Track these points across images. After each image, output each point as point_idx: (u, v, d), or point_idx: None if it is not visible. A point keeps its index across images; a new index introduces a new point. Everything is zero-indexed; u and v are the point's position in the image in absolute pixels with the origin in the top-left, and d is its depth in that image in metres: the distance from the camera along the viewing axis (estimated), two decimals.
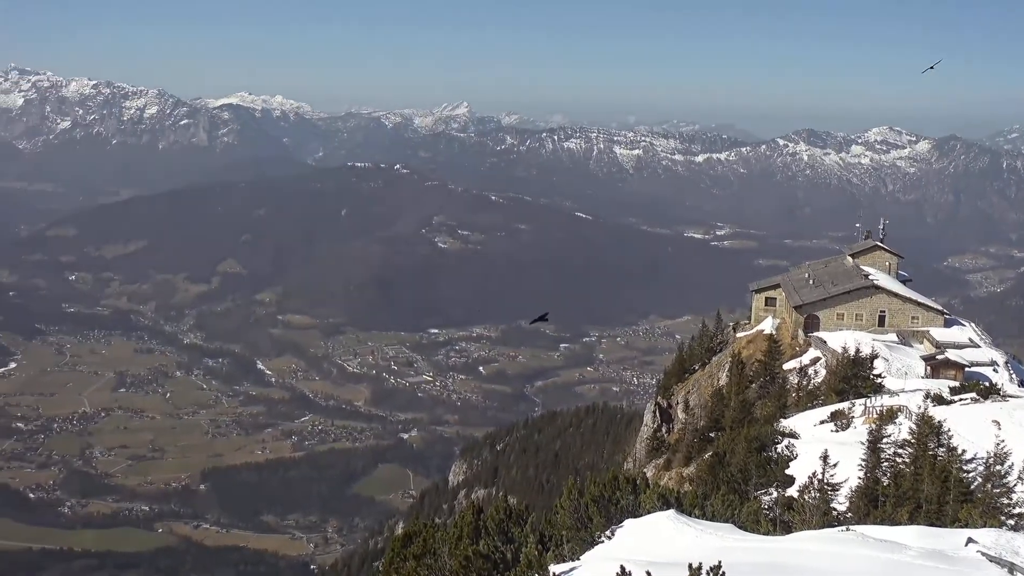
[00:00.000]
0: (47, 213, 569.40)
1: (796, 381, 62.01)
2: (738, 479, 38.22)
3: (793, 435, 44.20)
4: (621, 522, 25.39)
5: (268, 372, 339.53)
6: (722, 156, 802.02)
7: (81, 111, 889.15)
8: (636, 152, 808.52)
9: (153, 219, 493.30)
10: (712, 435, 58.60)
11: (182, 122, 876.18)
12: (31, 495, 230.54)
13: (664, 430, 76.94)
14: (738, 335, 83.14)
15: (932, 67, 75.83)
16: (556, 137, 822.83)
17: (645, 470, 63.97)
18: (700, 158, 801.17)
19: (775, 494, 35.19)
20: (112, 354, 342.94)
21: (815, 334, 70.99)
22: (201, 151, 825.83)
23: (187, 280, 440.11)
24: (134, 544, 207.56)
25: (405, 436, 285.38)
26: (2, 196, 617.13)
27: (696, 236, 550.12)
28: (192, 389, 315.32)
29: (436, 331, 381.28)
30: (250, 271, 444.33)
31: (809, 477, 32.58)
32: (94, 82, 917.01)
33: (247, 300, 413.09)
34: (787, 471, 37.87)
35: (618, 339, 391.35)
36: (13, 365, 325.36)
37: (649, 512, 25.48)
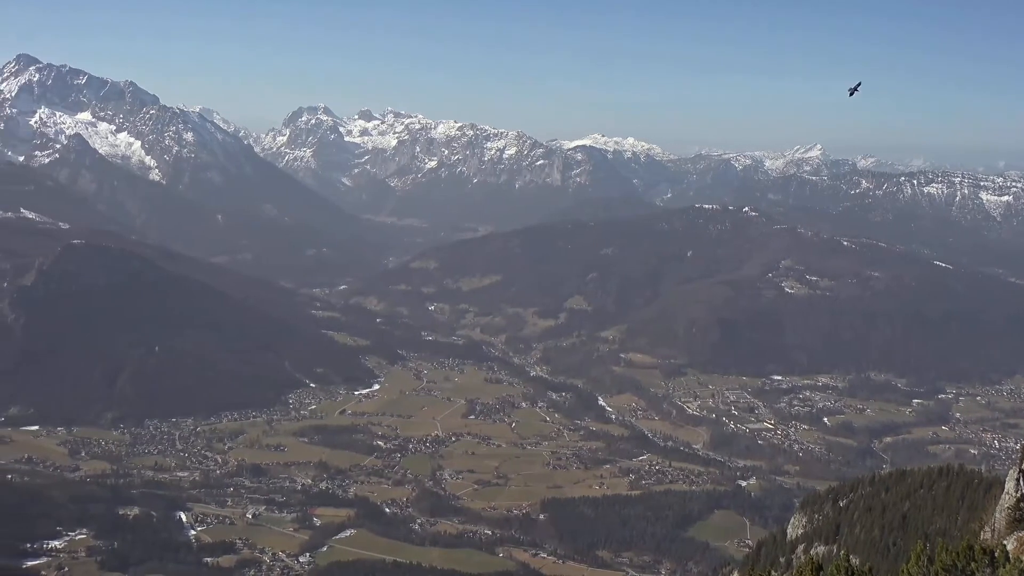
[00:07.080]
0: (412, 246, 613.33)
1: None
2: None
3: None
4: None
5: (608, 408, 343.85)
6: None
7: (447, 151, 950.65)
8: (1005, 199, 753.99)
9: (507, 255, 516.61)
10: None
11: (538, 163, 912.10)
12: (387, 510, 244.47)
13: None
14: None
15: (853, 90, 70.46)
16: (915, 181, 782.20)
17: (1005, 542, 59.63)
18: None
19: None
20: (464, 382, 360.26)
21: None
22: (554, 191, 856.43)
23: (536, 314, 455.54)
24: (476, 566, 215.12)
25: (743, 483, 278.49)
26: (376, 230, 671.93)
27: None
28: (536, 420, 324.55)
29: (779, 378, 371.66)
30: (595, 308, 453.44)
31: None
32: (459, 124, 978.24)
33: (591, 337, 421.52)
34: None
35: (978, 398, 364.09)
36: (377, 387, 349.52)
37: None
